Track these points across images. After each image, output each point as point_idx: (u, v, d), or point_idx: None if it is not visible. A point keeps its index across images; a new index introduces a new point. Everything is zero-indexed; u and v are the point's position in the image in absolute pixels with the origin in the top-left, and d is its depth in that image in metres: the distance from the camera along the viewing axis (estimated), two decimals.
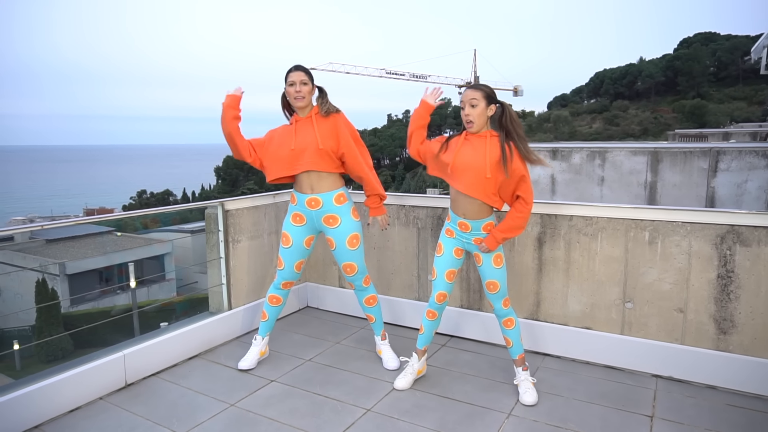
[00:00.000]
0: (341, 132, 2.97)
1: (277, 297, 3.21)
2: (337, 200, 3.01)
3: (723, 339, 2.90)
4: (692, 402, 2.77)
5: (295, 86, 2.89)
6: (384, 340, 3.28)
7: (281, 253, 3.13)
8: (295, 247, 3.09)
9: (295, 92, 2.90)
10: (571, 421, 2.60)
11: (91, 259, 23.22)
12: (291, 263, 3.12)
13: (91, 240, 25.82)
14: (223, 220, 3.52)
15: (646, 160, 6.90)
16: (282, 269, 3.15)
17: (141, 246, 25.60)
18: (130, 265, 19.13)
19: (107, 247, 24.98)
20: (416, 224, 3.70)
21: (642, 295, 3.06)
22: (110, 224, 27.66)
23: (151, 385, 2.97)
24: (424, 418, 2.63)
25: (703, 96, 69.20)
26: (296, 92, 2.89)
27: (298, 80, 2.89)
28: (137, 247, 25.45)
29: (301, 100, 2.91)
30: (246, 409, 2.72)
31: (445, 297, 2.89)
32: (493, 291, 2.82)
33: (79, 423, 2.59)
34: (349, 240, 3.03)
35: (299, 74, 2.90)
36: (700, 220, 2.89)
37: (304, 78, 2.90)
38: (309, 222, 3.06)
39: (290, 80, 2.90)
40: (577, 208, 3.19)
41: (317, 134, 2.93)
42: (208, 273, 3.61)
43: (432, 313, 2.93)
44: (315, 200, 2.99)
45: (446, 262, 2.86)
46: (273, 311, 3.22)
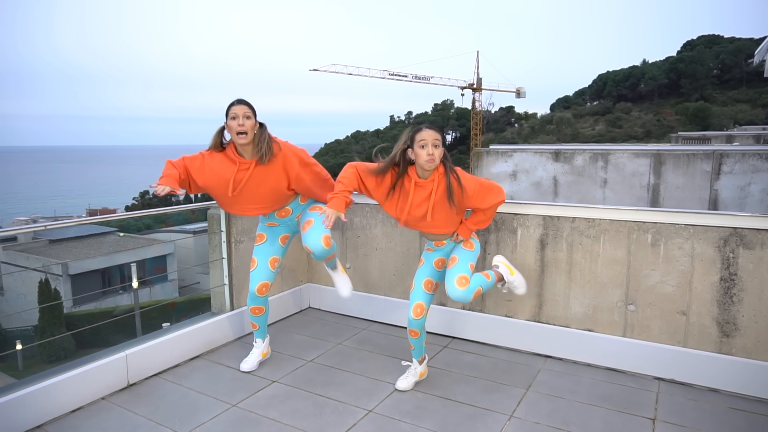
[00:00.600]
0: (289, 170, 2.88)
1: (259, 307, 3.16)
2: (302, 200, 3.09)
3: (726, 342, 2.89)
4: (694, 405, 2.77)
5: (237, 120, 2.71)
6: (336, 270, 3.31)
7: (254, 253, 3.12)
8: (269, 242, 3.11)
9: (237, 126, 2.70)
10: (573, 424, 2.60)
11: (94, 260, 23.27)
12: (265, 259, 3.08)
13: (93, 240, 25.88)
14: (225, 220, 3.52)
15: (648, 163, 6.89)
16: (255, 268, 3.07)
17: (143, 246, 25.66)
18: (133, 266, 19.16)
19: (110, 247, 25.04)
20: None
21: (644, 297, 3.06)
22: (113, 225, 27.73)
23: (153, 386, 2.98)
24: (425, 420, 2.63)
25: (707, 99, 69.06)
26: (239, 126, 2.70)
27: (241, 113, 2.71)
28: (140, 247, 25.51)
29: (244, 137, 2.72)
30: (248, 410, 2.72)
31: (423, 310, 2.84)
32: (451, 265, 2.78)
33: (82, 423, 2.59)
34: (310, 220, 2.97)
35: (242, 108, 2.73)
36: (703, 223, 2.89)
37: (246, 111, 2.73)
38: (283, 225, 3.14)
39: (233, 113, 2.72)
40: (580, 210, 3.19)
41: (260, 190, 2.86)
42: (210, 273, 3.62)
43: (413, 332, 2.85)
44: (284, 211, 3.06)
45: (425, 272, 2.90)
46: (260, 320, 3.20)
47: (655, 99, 75.29)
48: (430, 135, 2.58)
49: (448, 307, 3.66)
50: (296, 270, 4.15)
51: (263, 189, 2.88)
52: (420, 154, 2.58)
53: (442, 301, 3.69)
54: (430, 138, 2.57)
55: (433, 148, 2.57)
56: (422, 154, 2.57)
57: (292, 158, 2.89)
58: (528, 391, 2.92)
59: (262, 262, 3.09)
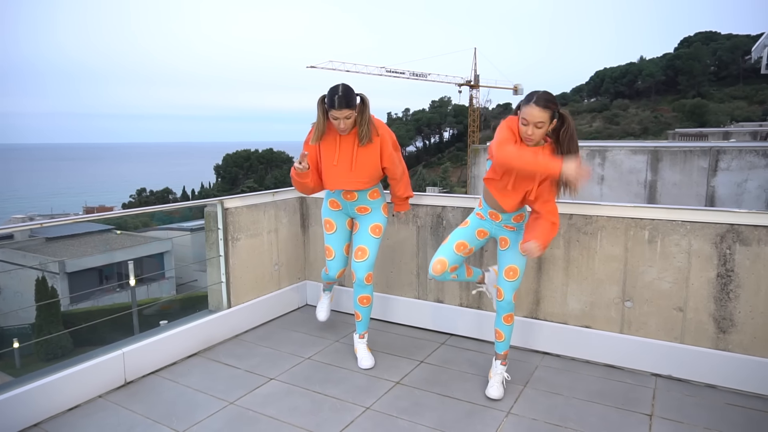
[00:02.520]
0: (384, 151, 2.98)
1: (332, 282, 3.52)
2: (371, 195, 3.15)
3: (722, 338, 2.90)
4: (692, 401, 2.77)
5: (339, 122, 2.82)
6: (362, 339, 3.27)
7: (328, 241, 3.23)
8: (339, 230, 3.22)
9: (339, 128, 2.86)
10: (571, 420, 2.60)
11: (91, 258, 23.23)
12: (340, 247, 3.24)
13: (90, 238, 25.84)
14: (222, 218, 3.52)
15: (646, 159, 6.90)
16: (332, 258, 3.24)
17: (141, 244, 25.62)
18: (130, 264, 19.12)
19: (107, 245, 24.99)
20: (416, 222, 3.70)
21: (641, 294, 3.06)
22: (110, 222, 27.69)
23: (151, 384, 2.97)
24: (423, 417, 2.63)
25: (704, 95, 69.17)
26: (341, 129, 2.86)
27: (341, 117, 2.80)
28: (137, 245, 25.47)
29: (344, 132, 2.89)
30: (245, 408, 2.71)
31: (444, 267, 2.78)
32: (511, 279, 2.78)
33: (78, 421, 2.59)
34: (372, 227, 3.16)
35: (343, 113, 2.78)
36: (700, 219, 2.89)
37: (347, 114, 2.80)
38: (344, 208, 3.21)
39: (333, 116, 2.81)
40: (577, 207, 3.19)
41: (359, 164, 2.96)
42: (208, 271, 3.61)
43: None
44: (351, 194, 3.11)
45: (463, 234, 2.84)
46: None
47: (653, 96, 75.37)
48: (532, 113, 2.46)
49: (446, 304, 3.66)
50: (294, 267, 4.14)
51: (363, 164, 2.95)
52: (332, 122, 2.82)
53: (439, 298, 3.69)
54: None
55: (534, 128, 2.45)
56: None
57: (387, 138, 3.00)
58: (525, 387, 2.92)
59: (339, 252, 3.23)
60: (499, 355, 2.91)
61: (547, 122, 2.45)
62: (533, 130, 2.43)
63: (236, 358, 3.28)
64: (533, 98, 2.44)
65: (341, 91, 2.76)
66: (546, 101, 2.42)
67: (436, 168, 67.55)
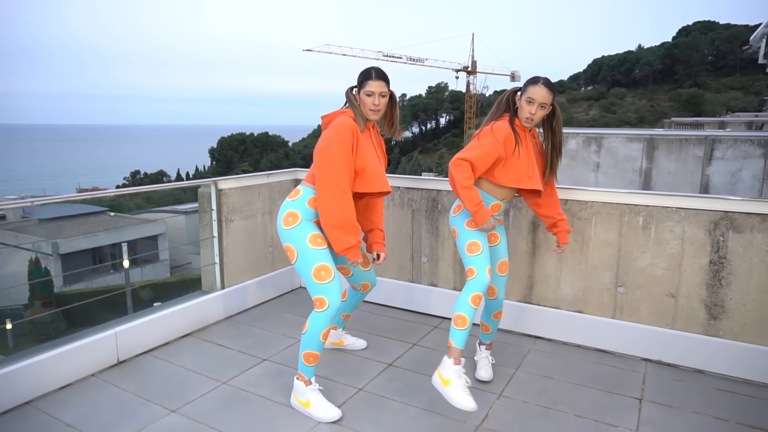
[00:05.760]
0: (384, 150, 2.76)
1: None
2: None
3: (713, 324, 2.92)
4: (681, 386, 2.80)
5: (374, 97, 2.48)
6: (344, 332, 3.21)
7: (321, 258, 2.45)
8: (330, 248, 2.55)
9: (373, 104, 2.49)
10: (561, 403, 2.62)
11: (84, 239, 23.12)
12: (334, 265, 2.53)
13: (84, 220, 25.67)
14: (216, 199, 3.49)
15: (641, 147, 6.90)
16: (332, 280, 2.45)
17: (134, 226, 25.51)
18: (123, 245, 19.06)
19: (100, 227, 24.87)
20: (411, 206, 3.69)
21: (634, 279, 3.07)
22: (104, 204, 27.53)
23: (143, 363, 2.97)
24: (414, 398, 2.64)
25: (700, 85, 69.11)
26: (374, 105, 2.49)
27: (378, 92, 2.47)
28: (131, 227, 25.36)
29: (377, 113, 2.53)
30: (238, 387, 2.72)
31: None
32: (504, 273, 2.78)
33: (71, 399, 2.58)
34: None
35: (380, 84, 2.48)
36: (695, 206, 2.90)
37: (384, 90, 2.50)
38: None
39: (369, 89, 2.47)
40: (572, 192, 3.19)
41: (386, 156, 2.72)
42: (201, 252, 3.60)
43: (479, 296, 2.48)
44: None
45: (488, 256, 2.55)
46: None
47: (649, 85, 75.25)
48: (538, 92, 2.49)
49: (439, 287, 3.67)
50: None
51: (385, 162, 2.70)
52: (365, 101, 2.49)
53: (433, 282, 3.70)
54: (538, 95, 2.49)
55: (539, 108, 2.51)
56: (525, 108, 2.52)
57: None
58: (517, 371, 2.94)
59: (336, 272, 2.50)
60: (483, 343, 2.93)
61: (549, 105, 2.51)
62: (536, 109, 2.48)
63: (229, 339, 3.28)
64: (540, 80, 2.50)
65: (376, 67, 2.57)
66: (551, 84, 2.51)
67: (432, 154, 67.39)
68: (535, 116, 2.50)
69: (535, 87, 2.48)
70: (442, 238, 3.61)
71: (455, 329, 2.42)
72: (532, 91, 2.48)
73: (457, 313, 2.43)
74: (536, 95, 2.47)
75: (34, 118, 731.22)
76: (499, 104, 2.64)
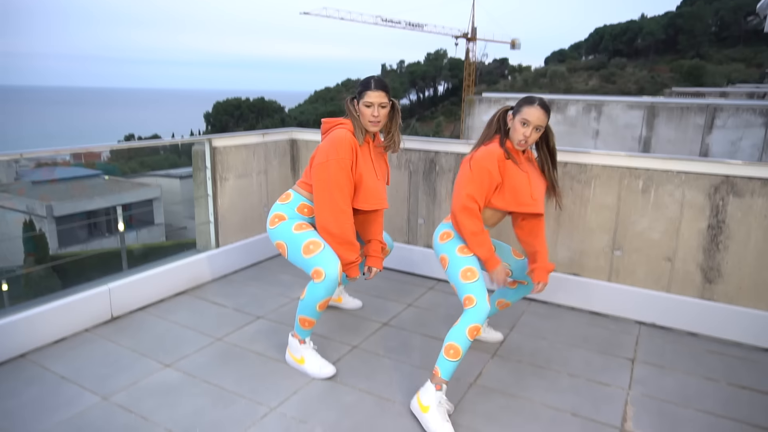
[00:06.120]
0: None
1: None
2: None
3: (708, 288, 2.93)
4: (673, 347, 2.82)
5: (373, 109, 2.40)
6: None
7: (311, 235, 2.46)
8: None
9: (372, 116, 2.40)
10: (554, 362, 2.64)
11: (79, 202, 23.00)
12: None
13: (78, 183, 25.49)
14: (210, 157, 3.44)
15: (642, 115, 6.82)
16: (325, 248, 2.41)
17: (129, 190, 25.37)
18: (118, 208, 18.97)
19: (95, 190, 24.72)
20: (408, 167, 3.64)
21: (631, 243, 3.06)
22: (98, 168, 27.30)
23: (138, 319, 2.97)
24: (408, 356, 2.65)
25: (703, 56, 68.24)
26: (373, 116, 2.40)
27: (377, 102, 2.39)
28: (125, 191, 25.22)
29: (377, 125, 2.45)
30: (233, 344, 2.72)
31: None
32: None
33: (65, 353, 2.58)
34: None
35: (380, 95, 2.39)
36: (696, 170, 2.86)
37: (384, 100, 2.41)
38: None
39: (368, 100, 2.39)
40: (572, 155, 3.15)
41: (385, 169, 2.62)
42: (196, 211, 3.56)
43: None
44: None
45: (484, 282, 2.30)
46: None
47: (651, 55, 74.26)
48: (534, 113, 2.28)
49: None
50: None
51: (385, 176, 2.60)
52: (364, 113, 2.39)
53: (428, 244, 3.68)
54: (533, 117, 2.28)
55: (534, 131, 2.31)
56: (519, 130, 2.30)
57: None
58: (511, 331, 2.95)
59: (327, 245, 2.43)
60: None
61: (543, 128, 2.33)
62: (531, 132, 2.29)
63: (224, 297, 3.28)
64: (536, 100, 2.30)
65: (376, 76, 2.52)
66: (547, 105, 2.31)
67: (429, 122, 66.81)
68: (530, 139, 2.30)
69: (531, 108, 2.27)
70: (439, 200, 3.58)
71: (445, 358, 2.15)
72: (528, 112, 2.27)
73: (449, 342, 2.14)
74: (531, 117, 2.27)
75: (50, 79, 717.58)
76: (490, 124, 2.44)
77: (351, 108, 2.47)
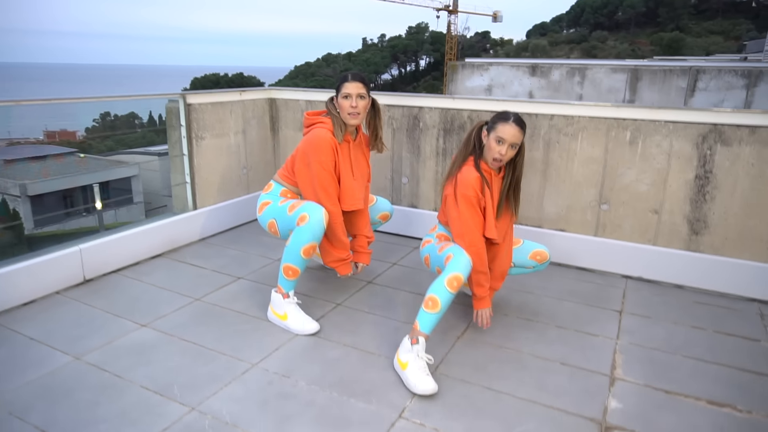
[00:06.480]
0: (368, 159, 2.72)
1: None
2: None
3: (694, 240, 2.90)
4: (660, 299, 2.81)
5: (351, 100, 2.42)
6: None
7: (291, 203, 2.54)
8: None
9: (350, 107, 2.42)
10: (542, 315, 2.61)
11: (54, 181, 22.44)
12: None
13: (52, 161, 24.84)
14: (185, 114, 3.29)
15: (625, 78, 6.77)
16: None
17: (106, 168, 24.82)
18: (95, 186, 18.57)
19: (70, 168, 24.13)
20: (391, 124, 3.53)
21: (618, 196, 3.02)
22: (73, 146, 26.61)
23: (112, 281, 2.85)
24: (394, 312, 2.59)
25: (682, 29, 68.45)
26: (352, 107, 2.42)
27: (354, 93, 2.41)
28: (102, 169, 24.66)
29: (356, 117, 2.45)
30: (213, 303, 2.63)
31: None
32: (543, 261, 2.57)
33: (35, 315, 2.47)
34: None
35: (357, 86, 2.42)
36: (684, 119, 2.81)
37: (362, 91, 2.43)
38: None
39: (346, 91, 2.42)
40: (559, 107, 3.07)
41: (366, 169, 2.65)
42: (171, 171, 3.42)
43: None
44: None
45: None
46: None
47: (632, 28, 74.30)
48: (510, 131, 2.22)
49: (420, 209, 3.58)
50: (263, 173, 3.97)
51: (364, 175, 2.66)
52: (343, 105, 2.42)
53: (413, 203, 3.61)
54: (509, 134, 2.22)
55: (510, 148, 2.25)
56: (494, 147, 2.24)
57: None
58: None
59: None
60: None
61: (519, 144, 2.25)
62: (506, 150, 2.22)
63: (203, 259, 3.17)
64: (511, 117, 2.23)
65: (353, 70, 2.54)
66: (522, 122, 2.25)
67: None
68: (505, 157, 2.23)
69: (506, 126, 2.21)
70: (423, 157, 3.49)
71: (423, 311, 2.10)
72: (502, 130, 2.21)
73: (429, 295, 2.11)
74: (506, 135, 2.20)
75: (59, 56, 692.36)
76: (467, 142, 2.36)
77: (330, 106, 2.51)
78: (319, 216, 2.33)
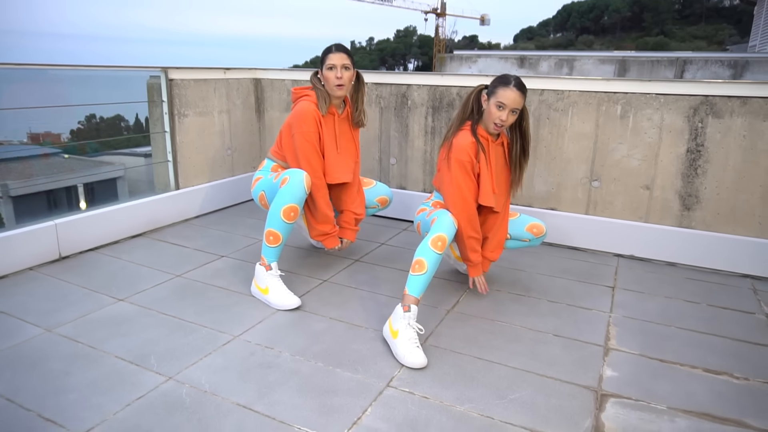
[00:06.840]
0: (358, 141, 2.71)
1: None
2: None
3: (686, 215, 2.86)
4: (653, 276, 2.76)
5: (335, 71, 2.38)
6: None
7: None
8: None
9: (335, 78, 2.38)
10: (535, 291, 2.54)
11: (38, 181, 22.07)
12: None
13: (36, 162, 24.45)
14: (167, 90, 3.19)
15: (613, 70, 6.77)
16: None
17: (91, 169, 24.48)
18: (80, 186, 18.26)
19: (54, 169, 23.77)
20: (379, 104, 3.47)
21: (609, 173, 2.97)
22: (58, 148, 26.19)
23: (89, 258, 2.75)
24: (381, 288, 2.52)
25: (666, 33, 69.36)
26: (337, 78, 2.38)
27: (339, 64, 2.38)
28: (87, 170, 24.32)
29: (341, 89, 2.41)
30: (194, 279, 2.54)
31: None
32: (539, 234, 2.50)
33: (6, 290, 2.35)
34: None
35: (341, 56, 2.39)
36: (675, 92, 2.77)
37: (346, 62, 2.40)
38: None
39: (330, 62, 2.38)
40: (548, 81, 3.02)
41: (353, 145, 2.63)
42: (152, 149, 3.32)
43: None
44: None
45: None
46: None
47: (617, 32, 75.11)
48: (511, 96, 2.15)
49: (408, 190, 3.51)
50: (248, 155, 3.88)
51: (354, 151, 2.64)
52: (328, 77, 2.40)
53: (402, 185, 3.54)
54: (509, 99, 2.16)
55: (511, 114, 2.17)
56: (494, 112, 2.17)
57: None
58: None
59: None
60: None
61: (519, 110, 2.19)
62: (508, 115, 2.15)
63: (185, 239, 3.08)
64: (512, 81, 2.16)
65: (337, 43, 2.49)
66: (523, 86, 2.17)
67: None
68: (506, 123, 2.17)
69: (506, 90, 2.13)
70: (412, 137, 3.42)
71: (411, 274, 2.05)
72: (503, 94, 2.13)
73: (415, 259, 2.07)
74: (507, 100, 2.13)
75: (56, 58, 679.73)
76: (465, 104, 2.31)
77: (315, 80, 2.49)
78: (299, 177, 2.31)
